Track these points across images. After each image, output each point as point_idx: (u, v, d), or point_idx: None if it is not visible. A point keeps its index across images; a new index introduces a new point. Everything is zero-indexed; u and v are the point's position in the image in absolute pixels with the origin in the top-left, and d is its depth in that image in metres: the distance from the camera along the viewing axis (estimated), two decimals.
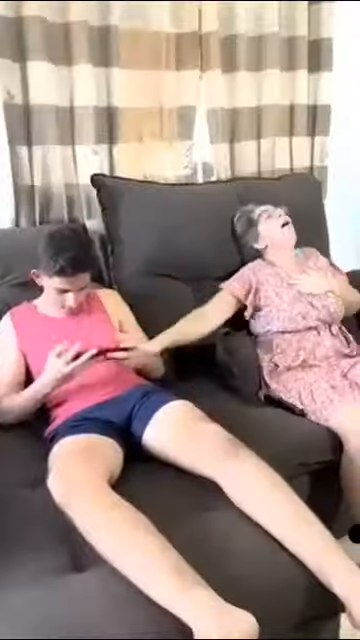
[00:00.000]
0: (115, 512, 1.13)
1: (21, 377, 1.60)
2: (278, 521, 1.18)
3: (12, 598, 1.02)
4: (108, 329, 1.65)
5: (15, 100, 1.94)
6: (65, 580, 1.06)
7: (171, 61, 2.26)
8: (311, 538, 1.16)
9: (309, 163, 2.64)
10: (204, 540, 1.10)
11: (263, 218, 2.04)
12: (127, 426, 1.46)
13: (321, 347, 1.86)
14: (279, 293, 1.93)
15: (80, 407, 1.49)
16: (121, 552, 1.07)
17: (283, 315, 1.89)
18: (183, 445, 1.36)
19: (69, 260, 1.49)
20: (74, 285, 1.55)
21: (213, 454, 1.29)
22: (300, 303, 1.90)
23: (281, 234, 2.02)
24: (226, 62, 2.33)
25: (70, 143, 2.09)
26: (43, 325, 1.63)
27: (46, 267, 1.53)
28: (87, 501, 1.15)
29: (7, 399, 1.56)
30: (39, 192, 2.03)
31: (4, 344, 1.63)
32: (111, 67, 2.09)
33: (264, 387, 1.83)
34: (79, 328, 1.62)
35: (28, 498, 1.30)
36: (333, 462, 1.62)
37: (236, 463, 1.26)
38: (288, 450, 1.58)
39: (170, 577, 1.01)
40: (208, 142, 2.38)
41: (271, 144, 2.50)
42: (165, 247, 2.01)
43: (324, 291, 1.95)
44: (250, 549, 1.15)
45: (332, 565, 1.12)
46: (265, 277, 1.97)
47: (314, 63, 2.53)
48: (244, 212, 2.11)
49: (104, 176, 2.05)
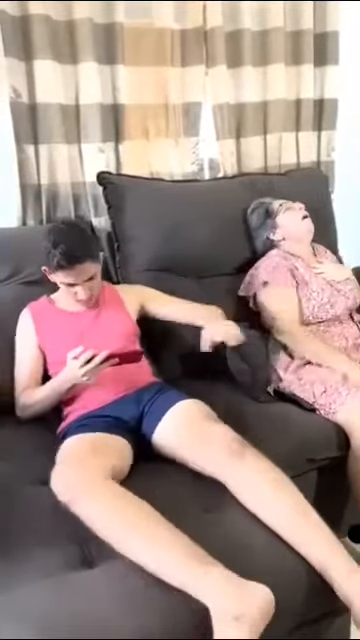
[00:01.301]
0: (119, 502, 1.14)
1: (39, 373, 1.62)
2: (282, 520, 1.19)
3: (21, 593, 1.02)
4: (126, 322, 1.67)
5: (21, 98, 1.95)
6: (75, 575, 1.06)
7: (176, 57, 2.25)
8: (314, 538, 1.16)
9: (316, 158, 2.63)
10: (210, 540, 1.10)
11: (283, 209, 2.04)
12: (138, 425, 1.47)
13: (339, 338, 1.86)
14: (308, 282, 1.92)
15: (93, 406, 1.50)
16: (129, 541, 1.08)
17: (313, 304, 1.88)
18: (191, 445, 1.37)
19: (65, 252, 1.50)
20: (78, 277, 1.55)
21: (219, 454, 1.29)
22: (329, 290, 1.90)
23: (301, 227, 2.03)
24: (231, 57, 2.32)
25: (76, 141, 2.09)
26: (61, 319, 1.64)
27: (48, 263, 1.55)
28: (89, 495, 1.16)
29: (26, 394, 1.59)
30: (46, 190, 2.04)
31: (24, 340, 1.65)
32: (116, 64, 2.09)
33: (274, 382, 1.83)
34: (97, 322, 1.63)
35: (39, 494, 1.30)
36: (341, 458, 1.62)
37: (242, 463, 1.26)
38: (296, 446, 1.57)
39: (183, 558, 1.03)
40: (214, 138, 2.38)
41: (277, 139, 2.49)
42: (172, 244, 2.01)
43: (344, 278, 1.96)
44: (256, 548, 1.16)
45: (334, 564, 1.12)
46: (293, 264, 1.96)
47: (320, 57, 2.51)
48: (261, 204, 2.10)
49: (110, 174, 2.06)
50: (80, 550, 1.13)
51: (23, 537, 1.17)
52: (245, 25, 2.31)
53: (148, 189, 2.07)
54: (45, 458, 1.38)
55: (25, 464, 1.43)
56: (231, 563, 1.06)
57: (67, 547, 1.13)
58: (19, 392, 1.61)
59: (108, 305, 1.69)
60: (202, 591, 1.00)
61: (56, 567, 1.08)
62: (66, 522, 1.18)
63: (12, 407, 1.63)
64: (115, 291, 1.76)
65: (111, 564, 1.08)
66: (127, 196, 2.00)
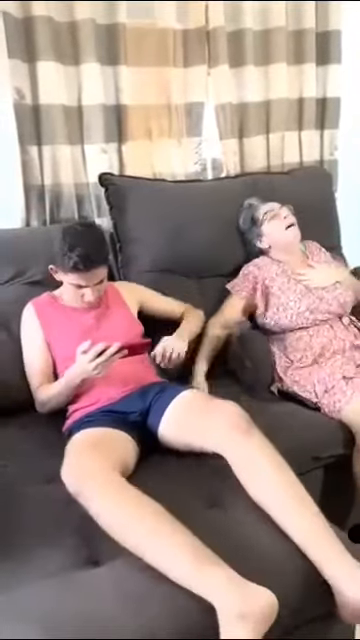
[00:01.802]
0: (126, 497, 1.15)
1: (50, 367, 1.63)
2: (279, 502, 1.19)
3: (26, 592, 1.03)
4: (128, 319, 1.69)
5: (25, 100, 1.96)
6: (79, 574, 1.06)
7: (179, 58, 2.25)
8: (310, 524, 1.16)
9: (319, 157, 2.62)
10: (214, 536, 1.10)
11: (267, 218, 2.01)
12: (144, 420, 1.48)
13: (336, 340, 1.85)
14: (285, 290, 1.91)
15: (99, 404, 1.51)
16: (136, 536, 1.09)
17: (290, 313, 1.87)
18: (196, 421, 1.38)
19: (82, 256, 1.51)
20: (90, 280, 1.57)
21: (224, 426, 1.30)
22: (308, 298, 1.88)
23: (285, 236, 1.99)
24: (233, 57, 2.32)
25: (79, 142, 2.10)
26: (65, 315, 1.65)
27: (62, 263, 1.56)
28: (97, 488, 1.17)
29: (41, 391, 1.60)
30: (49, 191, 2.05)
31: (31, 336, 1.66)
32: (119, 65, 2.10)
33: (277, 381, 1.83)
34: (100, 318, 1.65)
35: (43, 493, 1.32)
36: (346, 456, 1.62)
37: (246, 438, 1.27)
38: (302, 444, 1.58)
39: (188, 556, 1.03)
40: (217, 138, 2.38)
41: (280, 139, 2.49)
42: (174, 244, 2.01)
43: (332, 282, 1.93)
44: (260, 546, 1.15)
45: (327, 553, 1.12)
46: (270, 274, 1.95)
47: (322, 55, 2.51)
48: (249, 207, 2.08)
49: (111, 175, 2.06)
50: (84, 549, 1.13)
51: (28, 536, 1.17)
52: (247, 25, 2.31)
53: (150, 190, 2.07)
54: (49, 457, 1.39)
55: (29, 463, 1.43)
56: (234, 560, 1.06)
57: (71, 546, 1.14)
58: (35, 388, 1.63)
59: (111, 302, 1.71)
60: (207, 590, 1.00)
61: (60, 566, 1.08)
62: (71, 521, 1.19)
63: (17, 408, 1.64)
64: (116, 288, 1.78)
65: (115, 563, 1.08)
66: (129, 197, 2.00)
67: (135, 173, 2.16)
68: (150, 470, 1.35)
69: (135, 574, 1.05)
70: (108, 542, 1.12)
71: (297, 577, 1.12)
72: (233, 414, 1.32)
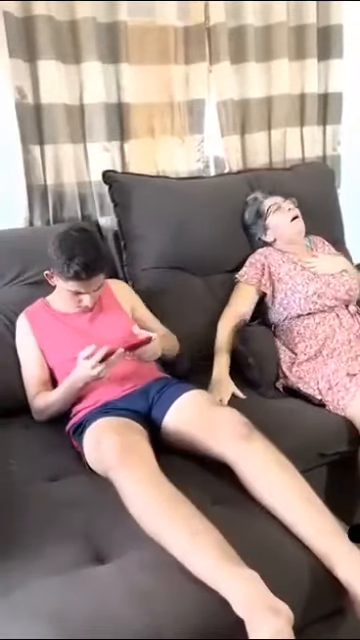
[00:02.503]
0: (163, 487, 1.16)
1: (46, 375, 1.63)
2: (285, 502, 1.20)
3: (34, 590, 1.03)
4: (123, 319, 1.67)
5: (26, 99, 1.96)
6: (85, 571, 1.07)
7: (180, 55, 2.25)
8: (317, 521, 1.17)
9: (321, 152, 2.62)
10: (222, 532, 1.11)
11: (272, 211, 2.02)
12: (147, 416, 1.48)
13: (341, 329, 1.85)
14: (292, 276, 1.92)
15: (103, 402, 1.51)
16: (166, 521, 1.09)
17: (298, 297, 1.88)
18: (198, 427, 1.38)
19: (83, 265, 1.49)
20: (89, 287, 1.57)
21: (226, 435, 1.31)
22: (315, 283, 1.90)
23: (290, 228, 2.01)
24: (235, 54, 2.31)
25: (81, 141, 2.09)
26: (58, 321, 1.65)
27: (60, 271, 1.53)
28: (140, 466, 1.19)
29: (39, 398, 1.60)
30: (52, 191, 2.05)
31: (25, 344, 1.66)
32: (120, 63, 2.09)
33: (282, 378, 1.83)
34: (94, 320, 1.65)
35: (48, 491, 1.33)
36: (351, 453, 1.62)
37: (248, 445, 1.27)
38: (307, 441, 1.58)
39: (215, 550, 1.03)
40: (219, 135, 2.37)
41: (282, 135, 2.49)
42: (178, 241, 2.01)
43: (339, 270, 1.95)
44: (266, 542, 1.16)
45: (336, 549, 1.12)
46: (277, 262, 1.97)
47: (324, 51, 2.50)
48: (254, 201, 2.10)
49: (115, 172, 2.06)
50: (90, 546, 1.14)
51: (33, 535, 1.18)
52: (248, 21, 2.30)
53: (153, 187, 2.07)
54: (53, 457, 1.40)
55: (33, 463, 1.44)
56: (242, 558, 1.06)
57: (77, 544, 1.14)
58: (32, 396, 1.62)
59: (104, 302, 1.69)
60: (229, 587, 1.00)
61: (67, 564, 1.09)
62: (76, 518, 1.20)
63: (21, 408, 1.64)
64: (109, 286, 1.74)
65: (122, 560, 1.08)
66: (133, 194, 2.00)
67: (138, 171, 2.16)
68: None
69: (142, 572, 1.06)
70: (114, 539, 1.13)
71: (306, 575, 1.12)
72: (234, 422, 1.33)
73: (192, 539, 1.06)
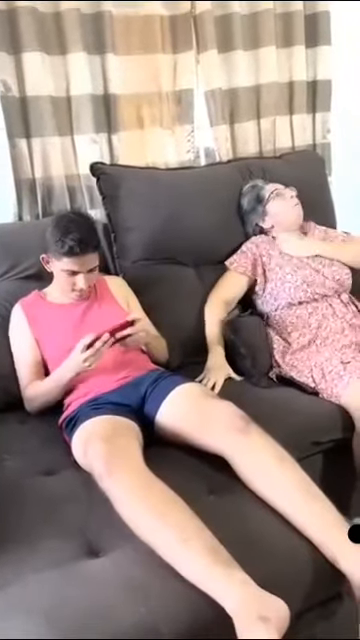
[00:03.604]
0: (154, 489, 1.15)
1: (40, 365, 1.63)
2: (285, 495, 1.19)
3: (30, 584, 1.03)
4: (118, 311, 1.67)
5: (11, 92, 1.93)
6: (80, 565, 1.07)
7: (167, 44, 2.23)
8: (318, 512, 1.17)
9: (311, 140, 2.61)
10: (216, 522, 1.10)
11: (274, 197, 2.02)
12: (140, 410, 1.48)
13: (334, 318, 1.85)
14: (282, 265, 1.92)
15: (95, 393, 1.51)
16: (156, 527, 1.08)
17: (288, 286, 1.88)
18: (194, 423, 1.38)
19: (77, 240, 1.53)
20: (84, 266, 1.58)
21: (223, 429, 1.30)
22: (304, 270, 1.90)
23: (290, 215, 2.02)
24: (222, 42, 2.29)
25: (69, 133, 2.07)
26: (53, 312, 1.65)
27: (55, 249, 1.56)
28: (128, 473, 1.17)
29: (31, 388, 1.60)
30: (40, 184, 2.03)
31: (19, 335, 1.66)
32: (106, 54, 2.07)
33: (276, 367, 1.83)
34: (89, 313, 1.65)
35: (44, 485, 1.32)
36: (345, 440, 1.62)
37: (245, 438, 1.27)
38: (301, 429, 1.57)
39: (206, 555, 1.03)
40: (208, 125, 2.35)
41: (272, 123, 2.47)
42: (169, 232, 2.00)
43: (313, 253, 1.95)
44: (262, 530, 1.16)
45: (338, 540, 1.12)
46: (267, 250, 1.97)
47: (312, 38, 2.49)
48: (253, 188, 2.09)
49: (103, 164, 2.04)
50: (85, 540, 1.13)
51: (28, 529, 1.18)
52: (234, 8, 2.28)
53: (142, 178, 2.05)
54: (48, 451, 1.40)
55: (31, 457, 1.44)
56: (236, 546, 1.06)
57: (73, 537, 1.14)
58: (24, 386, 1.62)
59: (99, 295, 1.71)
60: (220, 590, 1.00)
61: (61, 558, 1.09)
62: (71, 513, 1.20)
63: (16, 403, 1.64)
64: (104, 281, 1.78)
65: (116, 553, 1.08)
66: (121, 186, 1.98)
67: (127, 163, 2.13)
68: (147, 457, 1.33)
69: (136, 564, 1.06)
70: (108, 533, 1.13)
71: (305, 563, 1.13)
72: (230, 415, 1.33)
73: (183, 545, 1.04)
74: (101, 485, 1.19)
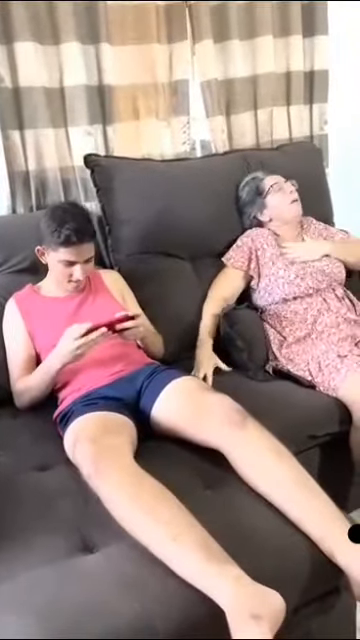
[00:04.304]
0: (144, 486, 1.14)
1: (32, 360, 1.62)
2: (282, 488, 1.19)
3: (24, 581, 1.02)
4: (112, 305, 1.66)
5: (4, 83, 1.91)
6: (74, 561, 1.06)
7: (162, 34, 2.20)
8: (315, 507, 1.16)
9: (309, 132, 2.58)
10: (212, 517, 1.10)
11: (273, 190, 2.00)
12: (136, 404, 1.47)
13: (329, 313, 1.84)
14: (275, 261, 1.91)
15: (89, 388, 1.49)
16: (147, 526, 1.07)
17: (282, 281, 1.87)
18: (190, 415, 1.37)
19: (73, 229, 1.52)
20: (80, 256, 1.57)
21: (220, 423, 1.29)
22: (294, 267, 1.89)
23: (289, 210, 2.00)
24: (217, 32, 2.27)
25: (63, 125, 2.05)
26: (47, 305, 1.64)
27: (51, 240, 1.55)
28: (116, 473, 1.16)
29: (20, 382, 1.59)
30: (34, 177, 2.01)
31: (13, 328, 1.65)
32: (100, 44, 2.04)
33: (272, 360, 1.81)
34: (83, 306, 1.64)
35: (38, 481, 1.31)
36: (343, 433, 1.61)
37: (242, 432, 1.26)
38: (297, 423, 1.57)
39: (198, 552, 1.01)
40: (204, 116, 2.33)
41: (268, 114, 2.45)
42: (163, 224, 1.98)
43: (319, 256, 1.92)
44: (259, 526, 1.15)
45: (335, 535, 1.11)
46: (262, 244, 1.95)
47: (309, 27, 2.46)
48: (253, 180, 2.07)
49: (97, 156, 2.02)
50: (79, 536, 1.13)
51: (22, 525, 1.17)
52: None
53: (137, 170, 2.03)
54: (41, 446, 1.39)
55: (23, 452, 1.43)
56: (232, 541, 1.06)
57: (67, 533, 1.13)
58: (14, 379, 1.61)
59: (94, 288, 1.70)
60: (214, 586, 0.99)
61: (57, 554, 1.08)
62: (64, 508, 1.19)
63: (9, 398, 1.62)
64: (99, 275, 1.76)
65: (110, 549, 1.07)
66: (116, 178, 1.96)
67: (122, 155, 2.11)
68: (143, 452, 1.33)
69: (130, 560, 1.05)
70: (102, 529, 1.11)
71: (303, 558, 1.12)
72: (226, 409, 1.32)
73: (174, 543, 1.03)
74: (90, 485, 1.18)
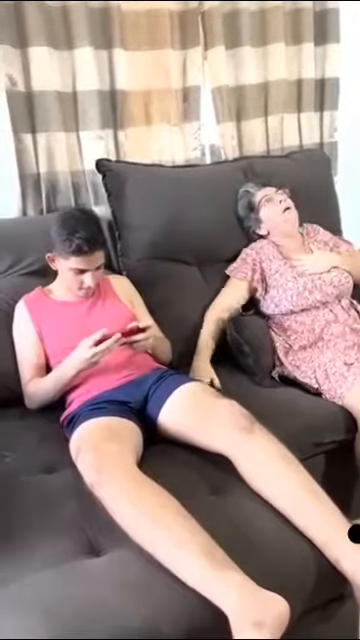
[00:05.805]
0: (146, 493, 1.14)
1: (42, 362, 1.62)
2: (288, 495, 1.19)
3: (29, 583, 1.03)
4: (122, 310, 1.67)
5: (17, 87, 1.92)
6: (81, 563, 1.06)
7: (175, 40, 2.21)
8: (320, 513, 1.16)
9: (319, 139, 2.59)
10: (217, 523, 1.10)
11: (263, 203, 2.00)
12: (143, 408, 1.47)
13: (336, 324, 1.84)
14: (282, 273, 1.91)
15: (97, 391, 1.50)
16: (151, 533, 1.07)
17: (290, 293, 1.87)
18: (198, 422, 1.37)
19: (85, 238, 1.52)
20: (91, 264, 1.57)
21: (227, 428, 1.29)
22: (304, 277, 1.88)
23: (282, 221, 1.99)
24: (229, 38, 2.28)
25: (74, 129, 2.07)
26: (57, 309, 1.65)
27: (62, 248, 1.55)
28: (119, 481, 1.16)
29: (32, 384, 1.59)
30: (45, 180, 2.02)
31: (23, 331, 1.66)
32: (113, 49, 2.06)
33: (279, 366, 1.82)
34: (93, 311, 1.64)
35: (44, 483, 1.32)
36: (348, 441, 1.61)
37: (250, 437, 1.26)
38: (303, 430, 1.57)
39: (201, 558, 1.01)
40: (215, 122, 2.34)
41: (279, 121, 2.46)
42: (173, 230, 1.99)
43: (327, 268, 1.92)
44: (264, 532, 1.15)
45: (340, 541, 1.11)
46: (267, 256, 1.95)
47: (321, 35, 2.48)
48: (245, 194, 2.07)
49: (109, 161, 2.03)
50: (85, 539, 1.13)
51: (28, 527, 1.17)
52: (243, 4, 2.27)
53: (148, 175, 2.04)
54: (48, 448, 1.39)
55: (30, 454, 1.43)
56: (237, 546, 1.06)
57: (73, 535, 1.14)
58: (25, 381, 1.62)
59: (103, 293, 1.70)
60: (219, 593, 0.99)
61: (63, 556, 1.08)
62: (72, 511, 1.19)
63: (16, 399, 1.64)
64: (108, 280, 1.77)
65: (116, 552, 1.08)
66: (127, 183, 1.97)
67: (133, 160, 2.12)
68: (150, 456, 1.35)
69: (136, 563, 1.05)
70: (108, 532, 1.12)
71: (307, 564, 1.12)
72: (234, 414, 1.32)
73: (177, 550, 1.03)
74: (94, 493, 1.19)
